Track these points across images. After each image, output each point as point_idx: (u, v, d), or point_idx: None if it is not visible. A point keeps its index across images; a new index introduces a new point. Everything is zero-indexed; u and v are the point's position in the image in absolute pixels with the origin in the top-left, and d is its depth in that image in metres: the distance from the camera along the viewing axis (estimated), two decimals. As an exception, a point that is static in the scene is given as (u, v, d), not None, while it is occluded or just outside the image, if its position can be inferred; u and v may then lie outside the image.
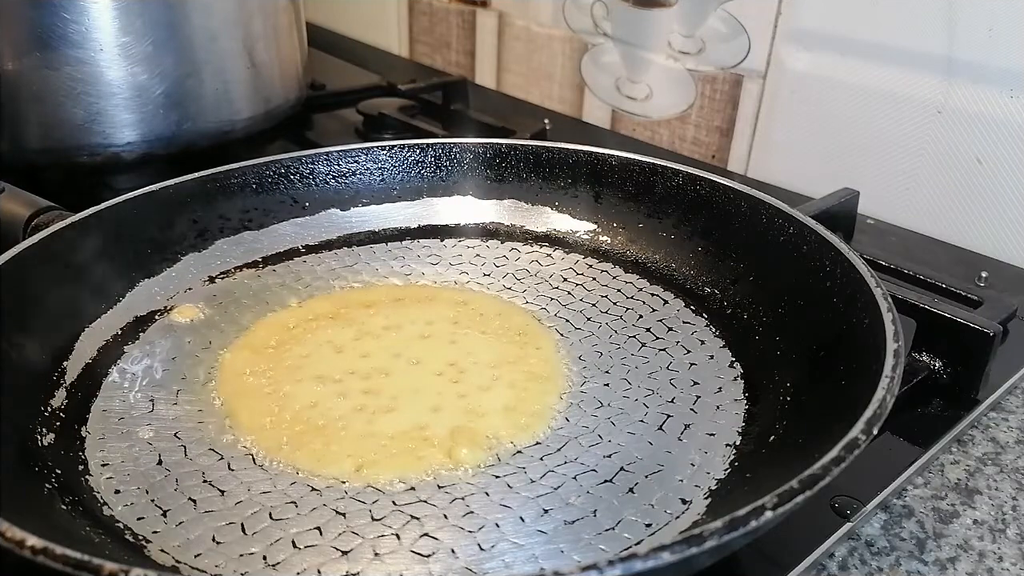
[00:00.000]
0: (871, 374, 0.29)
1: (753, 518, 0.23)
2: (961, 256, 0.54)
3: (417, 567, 0.28)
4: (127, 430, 0.34)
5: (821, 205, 0.50)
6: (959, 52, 0.52)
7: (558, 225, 0.49)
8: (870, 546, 0.32)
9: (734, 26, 0.62)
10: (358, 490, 0.31)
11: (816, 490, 0.24)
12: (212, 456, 0.33)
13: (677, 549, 0.22)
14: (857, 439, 0.26)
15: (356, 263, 0.47)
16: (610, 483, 0.31)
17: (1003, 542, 0.32)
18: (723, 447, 0.33)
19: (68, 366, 0.36)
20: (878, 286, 0.33)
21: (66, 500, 0.29)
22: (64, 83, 0.52)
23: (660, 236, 0.46)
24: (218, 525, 0.29)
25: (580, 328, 0.41)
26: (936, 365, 0.39)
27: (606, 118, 0.75)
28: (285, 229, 0.48)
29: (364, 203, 0.50)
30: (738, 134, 0.65)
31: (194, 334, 0.40)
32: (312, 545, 0.29)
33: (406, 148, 0.50)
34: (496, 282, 0.45)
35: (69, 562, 0.21)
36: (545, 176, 0.49)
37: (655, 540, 0.29)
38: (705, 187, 0.44)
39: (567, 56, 0.76)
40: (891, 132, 0.57)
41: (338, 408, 0.35)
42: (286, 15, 0.64)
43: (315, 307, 0.42)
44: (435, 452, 0.33)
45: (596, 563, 0.21)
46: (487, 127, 0.67)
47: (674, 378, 0.37)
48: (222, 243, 0.46)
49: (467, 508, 0.30)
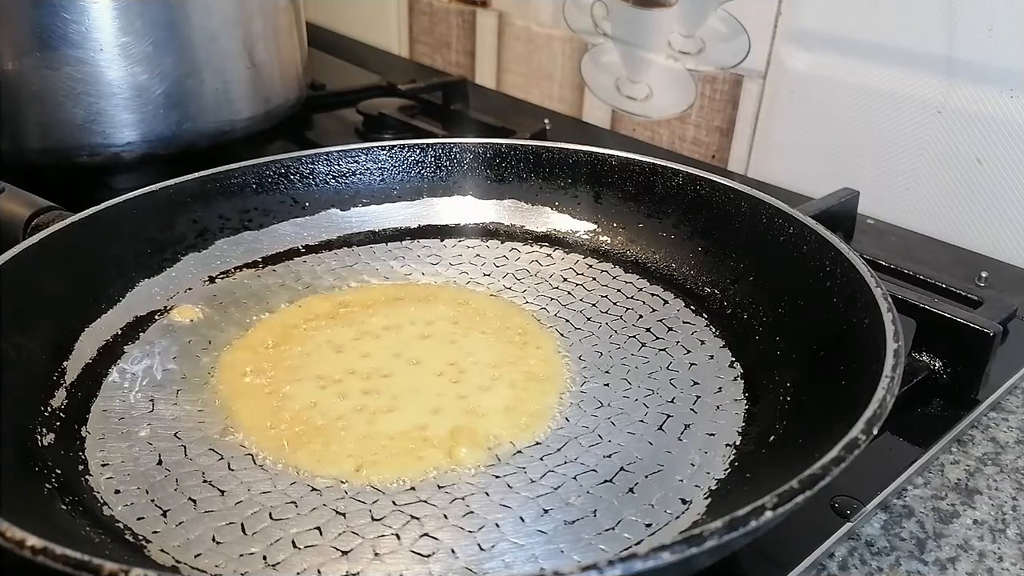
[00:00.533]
0: (871, 374, 0.29)
1: (753, 518, 0.23)
2: (961, 256, 0.54)
3: (417, 567, 0.28)
4: (127, 430, 0.34)
5: (821, 205, 0.50)
6: (959, 52, 0.52)
7: (558, 225, 0.49)
8: (870, 546, 0.32)
9: (734, 26, 0.62)
10: (358, 490, 0.31)
11: (816, 490, 0.24)
12: (212, 456, 0.33)
13: (677, 549, 0.22)
14: (857, 439, 0.26)
15: (356, 263, 0.47)
16: (610, 483, 0.31)
17: (1003, 542, 0.32)
18: (723, 447, 0.33)
19: (68, 366, 0.36)
20: (878, 286, 0.33)
21: (66, 500, 0.29)
22: (64, 83, 0.52)
23: (660, 236, 0.46)
24: (218, 525, 0.29)
25: (580, 328, 0.41)
26: (936, 365, 0.39)
27: (606, 118, 0.75)
28: (285, 229, 0.48)
29: (364, 203, 0.50)
30: (738, 134, 0.65)
31: (194, 334, 0.40)
32: (312, 545, 0.29)
33: (406, 148, 0.50)
34: (496, 282, 0.45)
35: (69, 562, 0.21)
36: (545, 176, 0.49)
37: (655, 540, 0.29)
38: (705, 187, 0.44)
39: (567, 56, 0.76)
40: (891, 132, 0.57)
41: (338, 408, 0.35)
42: (286, 15, 0.64)
43: (315, 307, 0.42)
44: (435, 452, 0.32)
45: (596, 563, 0.21)
46: (487, 127, 0.67)
47: (674, 378, 0.37)
48: (222, 243, 0.46)
49: (467, 508, 0.30)
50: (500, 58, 0.83)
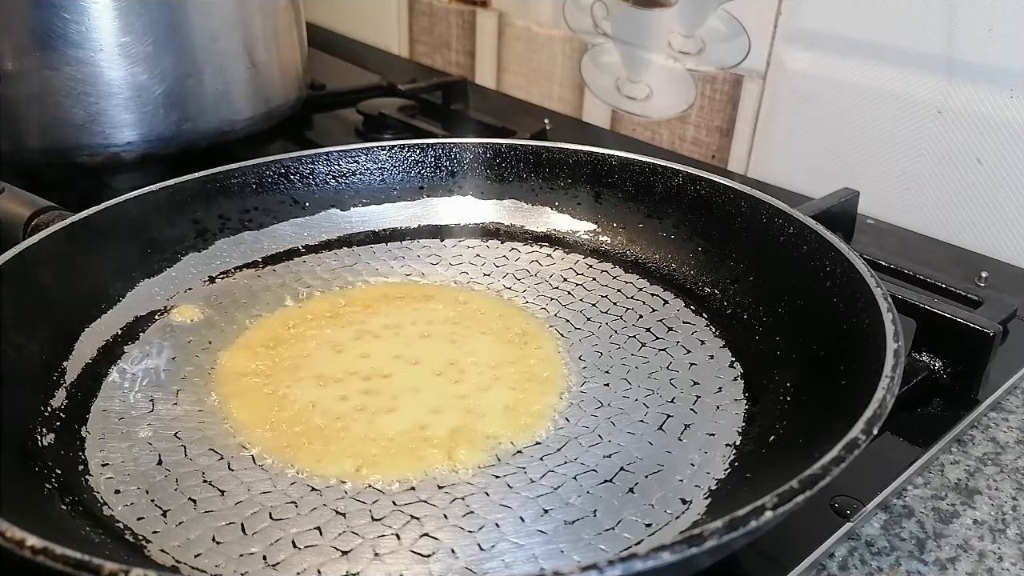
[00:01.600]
0: (871, 374, 0.29)
1: (753, 518, 0.23)
2: (961, 256, 0.54)
3: (417, 567, 0.28)
4: (127, 430, 0.34)
5: (821, 205, 0.50)
6: (959, 52, 0.52)
7: (558, 225, 0.49)
8: (870, 546, 0.32)
9: (734, 26, 0.62)
10: (358, 490, 0.31)
11: (816, 490, 0.24)
12: (212, 456, 0.33)
13: (677, 549, 0.22)
14: (857, 439, 0.26)
15: (356, 263, 0.47)
16: (610, 483, 0.31)
17: (1003, 542, 0.32)
18: (723, 447, 0.33)
19: (68, 366, 0.36)
20: (878, 286, 0.33)
21: (66, 500, 0.29)
22: (64, 83, 0.52)
23: (660, 236, 0.46)
24: (218, 525, 0.29)
25: (580, 328, 0.41)
26: (936, 365, 0.39)
27: (606, 118, 0.75)
28: (285, 229, 0.48)
29: (364, 203, 0.50)
30: (738, 134, 0.65)
31: (194, 334, 0.40)
32: (312, 545, 0.29)
33: (406, 148, 0.50)
34: (496, 282, 0.45)
35: (69, 562, 0.21)
36: (545, 176, 0.49)
37: (655, 540, 0.29)
38: (705, 187, 0.44)
39: (567, 56, 0.76)
40: (891, 132, 0.57)
41: (338, 408, 0.35)
42: (286, 15, 0.64)
43: (315, 307, 0.42)
44: (435, 452, 0.32)
45: (596, 563, 0.21)
46: (487, 127, 0.67)
47: (674, 378, 0.37)
48: (222, 243, 0.46)
49: (467, 508, 0.30)
50: (500, 58, 0.83)
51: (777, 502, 0.24)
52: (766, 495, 0.24)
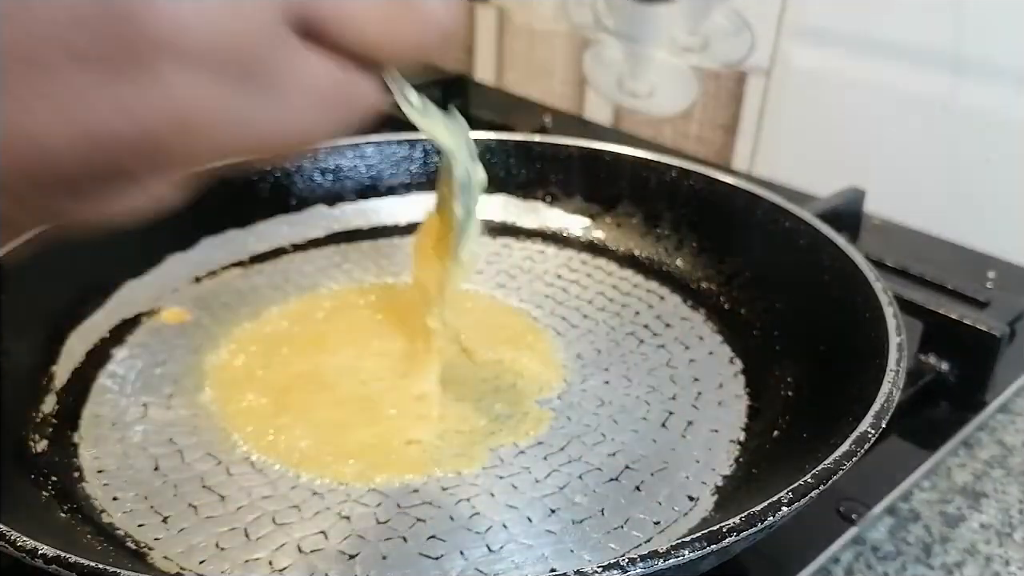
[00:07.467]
0: (874, 368, 0.29)
1: (770, 513, 0.23)
2: (968, 256, 0.52)
3: (427, 570, 0.27)
4: (120, 435, 0.33)
5: (827, 204, 0.49)
6: (967, 49, 0.51)
7: (550, 221, 0.48)
8: (876, 551, 0.31)
9: (738, 22, 0.61)
10: (361, 493, 0.30)
11: (830, 484, 0.24)
12: (209, 461, 0.32)
13: (697, 546, 0.22)
14: (867, 433, 0.26)
15: (344, 262, 0.46)
16: (616, 481, 0.31)
17: (1010, 546, 0.32)
18: (727, 443, 0.33)
19: (56, 370, 0.36)
20: (877, 280, 0.34)
21: (65, 508, 0.29)
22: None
23: (654, 231, 0.45)
24: (221, 531, 0.29)
25: (577, 326, 0.41)
26: (943, 367, 0.38)
27: (608, 115, 0.74)
28: (272, 226, 0.47)
29: (352, 199, 0.49)
30: (742, 131, 0.64)
31: (183, 336, 0.39)
32: (318, 549, 0.28)
33: (394, 143, 0.50)
34: (489, 279, 0.44)
35: (84, 571, 0.20)
36: (536, 171, 0.49)
37: (665, 537, 0.29)
38: (699, 182, 0.44)
39: (568, 52, 0.75)
40: (898, 130, 0.56)
41: (336, 411, 0.34)
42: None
43: (305, 307, 0.42)
44: (436, 454, 0.32)
45: (618, 561, 0.21)
46: (487, 124, 0.66)
47: (674, 375, 0.37)
48: (207, 242, 0.45)
49: (473, 509, 0.30)
50: (500, 54, 0.82)
51: (792, 497, 0.24)
52: (773, 490, 0.24)
